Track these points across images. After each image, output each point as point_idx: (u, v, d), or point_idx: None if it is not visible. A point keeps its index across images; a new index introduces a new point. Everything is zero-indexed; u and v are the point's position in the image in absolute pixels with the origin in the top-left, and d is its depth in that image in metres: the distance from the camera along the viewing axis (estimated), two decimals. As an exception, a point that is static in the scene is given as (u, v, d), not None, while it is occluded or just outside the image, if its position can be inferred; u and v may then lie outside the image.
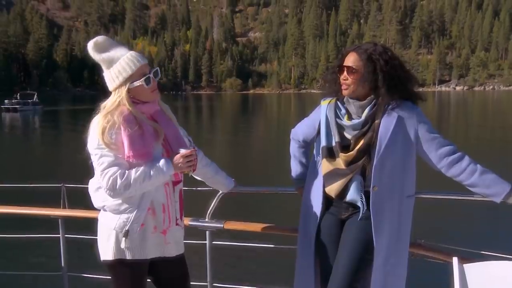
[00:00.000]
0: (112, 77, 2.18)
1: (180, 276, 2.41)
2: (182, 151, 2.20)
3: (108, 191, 2.12)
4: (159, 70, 2.27)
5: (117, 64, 2.16)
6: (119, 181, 2.09)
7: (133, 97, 2.19)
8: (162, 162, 2.15)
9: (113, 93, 2.20)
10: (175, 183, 2.29)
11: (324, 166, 2.45)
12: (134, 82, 2.17)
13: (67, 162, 18.66)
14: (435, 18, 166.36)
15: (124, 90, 2.16)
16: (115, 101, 2.17)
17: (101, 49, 2.18)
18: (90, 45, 2.16)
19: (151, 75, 2.20)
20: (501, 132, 29.64)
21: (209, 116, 54.63)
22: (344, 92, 2.42)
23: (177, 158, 2.18)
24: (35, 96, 60.66)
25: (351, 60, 2.39)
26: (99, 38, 2.18)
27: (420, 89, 2.58)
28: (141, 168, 2.12)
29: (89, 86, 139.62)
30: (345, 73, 2.39)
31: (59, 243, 3.22)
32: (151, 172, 2.12)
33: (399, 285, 2.43)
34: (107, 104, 2.19)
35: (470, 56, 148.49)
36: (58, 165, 19.29)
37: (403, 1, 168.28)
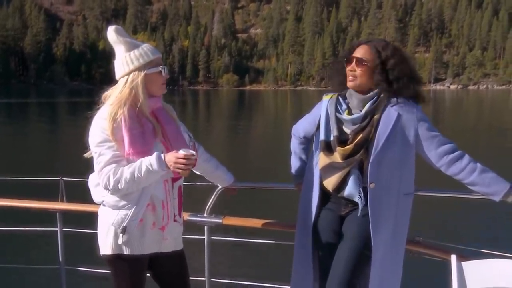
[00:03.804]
0: (131, 59, 2.17)
1: (179, 271, 2.41)
2: (180, 153, 2.07)
3: (105, 189, 2.12)
4: (166, 68, 2.29)
5: (139, 48, 2.19)
6: (111, 179, 2.07)
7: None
8: (153, 158, 2.06)
9: (124, 80, 2.17)
10: (174, 180, 2.28)
11: (321, 160, 2.45)
12: (153, 68, 2.19)
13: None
14: (434, 17, 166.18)
15: (141, 74, 2.16)
16: (126, 89, 2.15)
17: (122, 34, 2.20)
18: (112, 28, 2.18)
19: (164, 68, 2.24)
20: (497, 130, 29.66)
21: (206, 111, 54.45)
22: (349, 84, 2.42)
23: (171, 158, 2.06)
24: None
25: (361, 52, 2.39)
26: (119, 26, 2.23)
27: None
28: (133, 165, 2.09)
29: (86, 80, 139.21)
30: (353, 64, 2.39)
31: (57, 237, 3.21)
32: (142, 169, 2.07)
33: (395, 282, 2.44)
34: (115, 93, 2.18)
35: (467, 55, 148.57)
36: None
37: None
